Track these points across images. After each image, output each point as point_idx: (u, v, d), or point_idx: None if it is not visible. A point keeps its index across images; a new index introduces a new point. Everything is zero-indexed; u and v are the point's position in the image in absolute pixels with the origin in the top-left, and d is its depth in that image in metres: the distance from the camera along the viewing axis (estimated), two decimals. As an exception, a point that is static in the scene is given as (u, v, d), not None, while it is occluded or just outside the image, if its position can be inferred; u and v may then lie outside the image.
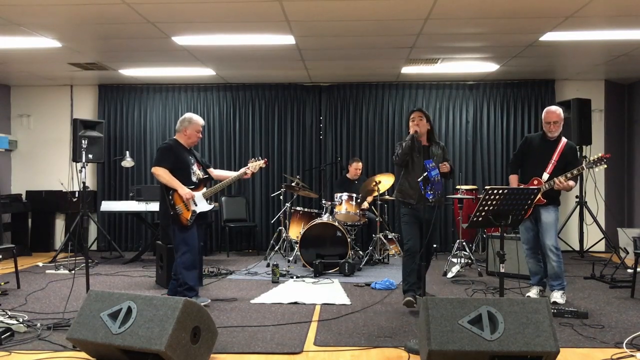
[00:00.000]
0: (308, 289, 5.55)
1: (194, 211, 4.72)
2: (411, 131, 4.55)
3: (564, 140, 4.84)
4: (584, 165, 4.65)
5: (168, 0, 4.73)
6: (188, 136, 4.90)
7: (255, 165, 5.02)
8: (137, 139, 8.60)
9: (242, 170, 5.02)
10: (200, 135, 4.99)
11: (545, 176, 4.76)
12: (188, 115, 4.99)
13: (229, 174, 5.13)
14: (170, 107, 8.58)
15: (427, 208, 4.40)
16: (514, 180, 5.06)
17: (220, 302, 5.01)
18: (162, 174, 4.68)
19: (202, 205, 4.81)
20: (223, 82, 8.45)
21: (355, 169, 7.55)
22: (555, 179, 4.65)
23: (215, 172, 5.17)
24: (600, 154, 4.61)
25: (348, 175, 7.62)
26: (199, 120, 4.96)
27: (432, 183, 3.88)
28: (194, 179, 4.83)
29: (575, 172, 4.63)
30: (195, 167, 4.89)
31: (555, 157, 4.77)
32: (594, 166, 4.61)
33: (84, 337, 3.18)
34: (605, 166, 4.61)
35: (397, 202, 4.89)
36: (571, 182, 4.68)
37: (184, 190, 4.66)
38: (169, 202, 4.66)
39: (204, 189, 4.87)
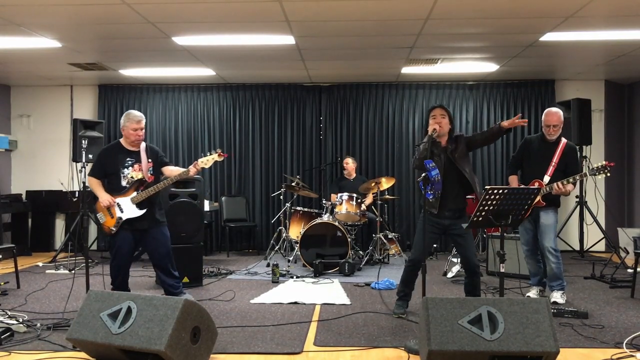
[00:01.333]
0: (308, 289, 5.55)
1: (119, 218, 4.43)
2: (429, 130, 4.04)
3: (563, 141, 4.82)
4: (586, 172, 4.62)
5: (168, 0, 4.72)
6: (126, 135, 4.55)
7: (206, 160, 4.41)
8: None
9: (190, 167, 4.44)
10: (140, 134, 4.53)
11: (546, 179, 4.74)
12: (127, 111, 4.65)
13: (178, 171, 4.56)
14: (170, 107, 8.58)
15: (448, 214, 4.19)
16: (513, 180, 5.05)
17: (220, 302, 5.01)
18: (90, 184, 4.49)
19: (130, 212, 4.45)
20: (223, 82, 8.46)
21: (346, 163, 7.60)
22: (554, 183, 4.64)
23: (169, 170, 4.66)
24: (604, 162, 4.53)
25: (345, 174, 7.66)
26: (135, 116, 4.54)
27: (432, 183, 3.87)
28: (123, 183, 4.48)
29: (577, 177, 4.62)
30: (129, 170, 4.50)
31: (555, 159, 4.75)
32: (597, 174, 4.55)
33: (83, 337, 3.18)
34: (608, 174, 4.55)
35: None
36: (569, 187, 4.66)
37: (101, 197, 4.42)
38: (93, 209, 4.51)
39: (134, 194, 4.45)
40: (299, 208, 7.42)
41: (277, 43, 6.06)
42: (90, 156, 7.43)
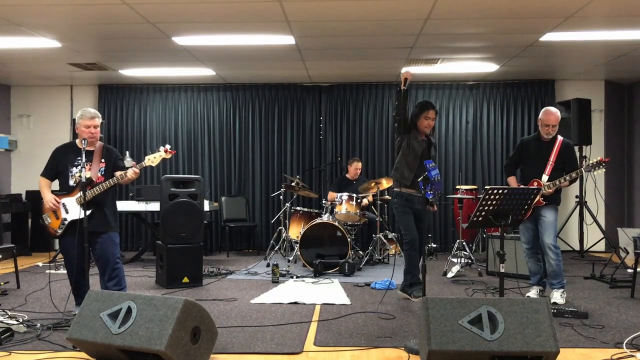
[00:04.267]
0: (308, 289, 5.55)
1: (64, 219, 4.24)
2: (403, 78, 4.83)
3: (559, 138, 4.85)
4: (582, 169, 4.66)
5: (168, 0, 4.73)
6: (79, 133, 4.28)
7: (152, 157, 4.19)
8: (137, 139, 8.60)
9: (131, 168, 4.15)
10: (92, 131, 4.24)
11: (545, 178, 4.76)
12: (83, 109, 4.37)
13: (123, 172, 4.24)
14: (170, 107, 8.59)
15: (421, 199, 4.50)
16: (512, 181, 5.08)
17: (220, 302, 5.01)
18: (39, 184, 4.35)
19: (75, 212, 4.19)
20: (223, 82, 8.46)
21: (355, 168, 7.55)
22: (546, 184, 4.68)
23: (117, 173, 4.26)
24: (599, 158, 4.62)
25: (348, 176, 7.63)
26: (88, 112, 4.26)
27: (432, 183, 3.88)
28: (71, 182, 4.25)
29: (574, 175, 4.64)
30: (77, 169, 4.23)
31: (552, 158, 4.78)
32: (592, 170, 4.61)
33: (83, 337, 3.18)
34: (604, 170, 4.61)
35: (393, 190, 5.03)
36: (564, 183, 4.70)
37: (46, 198, 4.24)
38: (41, 212, 4.32)
39: (79, 194, 4.15)
40: (298, 208, 7.42)
41: (277, 43, 6.06)
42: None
